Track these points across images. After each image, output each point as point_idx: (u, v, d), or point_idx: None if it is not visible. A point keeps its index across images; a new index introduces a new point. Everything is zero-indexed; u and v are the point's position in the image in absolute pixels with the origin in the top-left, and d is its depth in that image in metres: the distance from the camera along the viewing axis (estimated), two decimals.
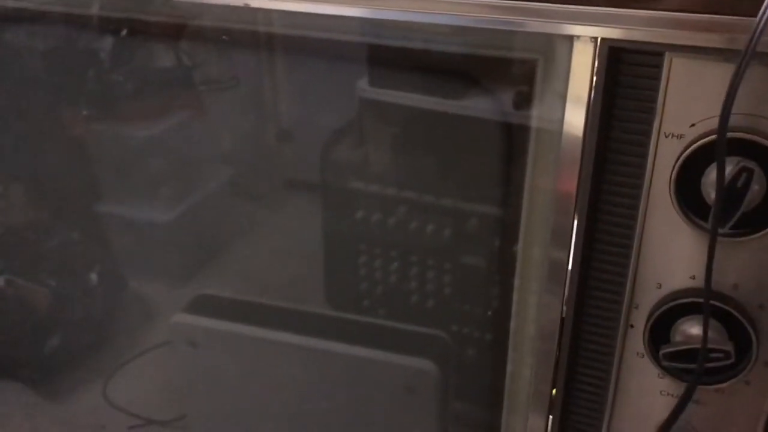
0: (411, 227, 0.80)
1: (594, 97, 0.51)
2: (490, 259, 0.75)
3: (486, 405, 0.75)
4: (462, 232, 0.77)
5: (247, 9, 0.58)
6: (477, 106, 0.68)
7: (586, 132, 0.52)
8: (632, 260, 0.54)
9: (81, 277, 1.04)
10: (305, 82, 0.81)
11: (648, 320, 0.54)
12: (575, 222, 0.55)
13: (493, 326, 0.74)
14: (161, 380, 1.02)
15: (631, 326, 0.56)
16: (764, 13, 0.43)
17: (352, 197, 0.82)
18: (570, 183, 0.54)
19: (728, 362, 0.52)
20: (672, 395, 0.57)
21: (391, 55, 0.67)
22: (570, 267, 0.56)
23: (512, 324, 0.63)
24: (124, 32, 0.79)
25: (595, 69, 0.50)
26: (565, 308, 0.57)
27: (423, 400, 0.82)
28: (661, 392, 0.57)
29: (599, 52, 0.50)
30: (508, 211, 0.68)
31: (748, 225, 0.50)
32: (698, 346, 0.51)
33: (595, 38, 0.50)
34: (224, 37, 0.71)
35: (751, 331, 0.52)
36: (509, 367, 0.64)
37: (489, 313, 0.76)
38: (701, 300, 0.51)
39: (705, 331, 0.49)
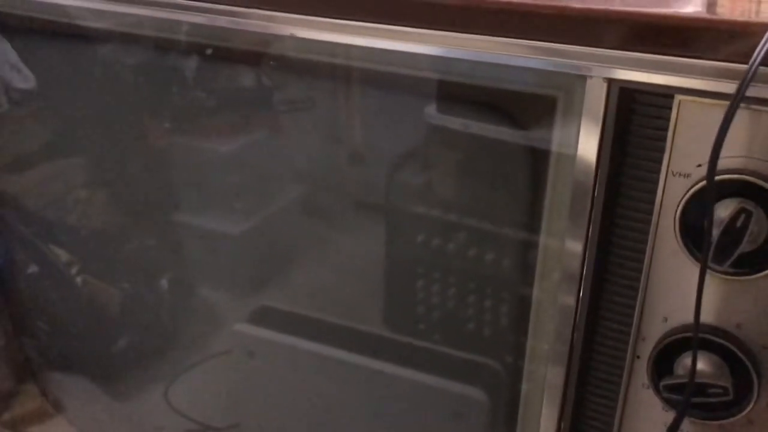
0: (469, 254, 0.84)
1: (605, 134, 0.56)
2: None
3: None
4: (520, 263, 0.81)
5: (293, 38, 0.65)
6: (525, 136, 0.72)
7: (598, 167, 0.57)
8: (640, 293, 0.58)
9: (152, 282, 1.09)
10: (377, 107, 0.86)
11: (652, 352, 0.58)
12: (587, 253, 0.59)
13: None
14: (219, 387, 1.07)
15: (638, 357, 0.59)
16: (755, 61, 0.48)
17: (413, 221, 0.87)
18: (582, 215, 0.58)
19: (727, 399, 0.55)
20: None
21: (444, 86, 0.73)
22: (580, 296, 0.60)
23: (527, 347, 0.67)
24: (208, 52, 0.87)
25: (608, 108, 0.55)
26: (575, 335, 0.62)
27: (470, 426, 0.86)
28: (665, 424, 0.60)
29: (611, 92, 0.55)
30: None
31: (753, 265, 0.54)
32: (697, 379, 0.55)
33: (608, 79, 0.55)
34: (272, 62, 0.78)
35: (751, 370, 0.55)
36: (523, 390, 0.69)
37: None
38: (704, 335, 0.55)
39: (693, 364, 0.53)
